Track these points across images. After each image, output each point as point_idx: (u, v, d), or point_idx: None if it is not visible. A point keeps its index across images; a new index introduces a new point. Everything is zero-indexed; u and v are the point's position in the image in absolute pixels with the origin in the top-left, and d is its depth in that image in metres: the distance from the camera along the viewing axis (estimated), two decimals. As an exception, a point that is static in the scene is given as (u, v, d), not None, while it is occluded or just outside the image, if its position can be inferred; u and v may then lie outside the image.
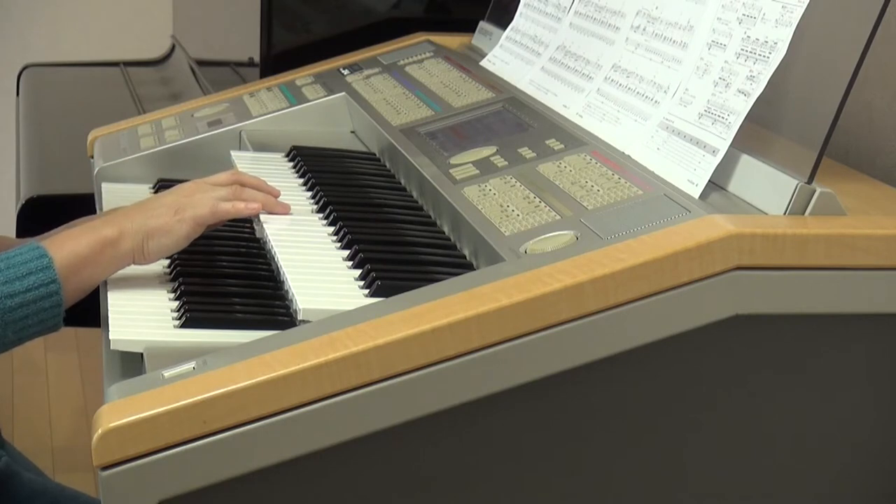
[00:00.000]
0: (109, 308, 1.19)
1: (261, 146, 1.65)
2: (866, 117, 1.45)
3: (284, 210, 1.35)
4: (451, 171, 1.37)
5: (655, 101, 1.31)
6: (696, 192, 1.17)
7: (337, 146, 1.66)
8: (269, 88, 1.86)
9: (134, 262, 1.24)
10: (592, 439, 1.07)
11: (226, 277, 1.28)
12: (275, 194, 1.36)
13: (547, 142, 1.37)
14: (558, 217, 1.18)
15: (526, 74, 1.61)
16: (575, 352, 1.02)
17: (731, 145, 1.18)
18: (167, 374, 1.00)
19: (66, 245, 1.18)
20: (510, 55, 1.70)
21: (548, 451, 1.06)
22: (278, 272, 1.26)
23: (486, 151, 1.40)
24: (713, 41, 1.26)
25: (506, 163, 1.35)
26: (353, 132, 1.75)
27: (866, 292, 1.07)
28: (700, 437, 1.10)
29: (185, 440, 0.95)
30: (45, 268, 1.14)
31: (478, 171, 1.35)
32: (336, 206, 1.37)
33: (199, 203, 1.27)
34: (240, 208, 1.30)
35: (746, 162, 1.17)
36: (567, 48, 1.55)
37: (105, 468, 0.95)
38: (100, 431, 0.94)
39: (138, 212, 1.25)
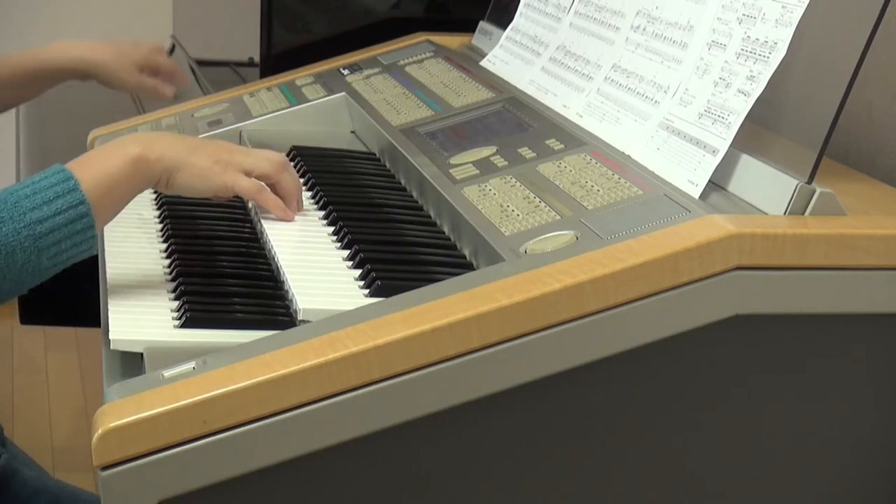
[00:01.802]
0: (109, 308, 1.19)
1: (261, 146, 1.65)
2: (866, 117, 1.45)
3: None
4: (451, 171, 1.37)
5: (655, 101, 1.31)
6: (696, 192, 1.17)
7: (337, 146, 1.66)
8: (269, 88, 1.86)
9: (157, 188, 1.24)
10: (592, 439, 1.07)
11: (226, 277, 1.28)
12: (298, 209, 1.36)
13: (547, 142, 1.37)
14: (558, 217, 1.18)
15: (526, 74, 1.61)
16: (575, 352, 1.02)
17: (731, 145, 1.18)
18: (167, 374, 1.00)
19: (94, 165, 1.17)
20: (510, 55, 1.70)
21: (548, 451, 1.06)
22: (278, 272, 1.26)
23: (486, 151, 1.40)
24: (713, 41, 1.26)
25: (506, 163, 1.35)
26: (353, 132, 1.75)
27: (866, 292, 1.07)
28: (700, 437, 1.10)
29: (185, 440, 0.95)
30: (73, 189, 1.13)
31: (478, 171, 1.35)
32: (336, 206, 1.37)
33: (242, 177, 1.27)
34: (281, 208, 1.31)
35: (746, 162, 1.17)
36: (567, 48, 1.55)
37: (105, 468, 0.95)
38: (100, 431, 0.94)
39: (177, 141, 1.25)
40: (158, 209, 1.47)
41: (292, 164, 1.56)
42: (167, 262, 1.31)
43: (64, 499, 1.42)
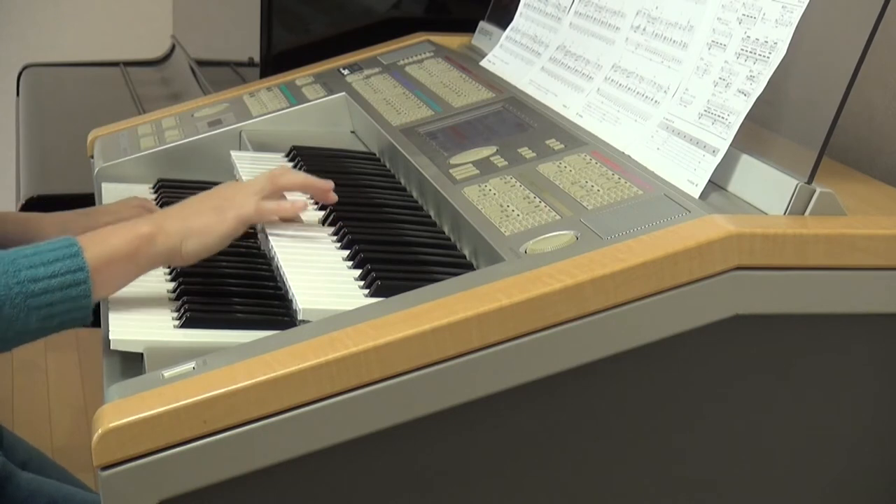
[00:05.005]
0: (109, 308, 1.19)
1: (261, 146, 1.65)
2: (866, 117, 1.45)
3: (332, 199, 1.35)
4: (451, 171, 1.37)
5: (655, 101, 1.31)
6: (696, 192, 1.17)
7: (337, 146, 1.66)
8: (269, 88, 1.86)
9: (171, 263, 1.23)
10: (592, 439, 1.07)
11: (226, 277, 1.28)
12: (325, 187, 1.34)
13: (547, 142, 1.37)
14: (558, 217, 1.18)
15: (526, 74, 1.61)
16: (575, 352, 1.02)
17: (731, 145, 1.18)
18: (167, 374, 1.00)
19: (100, 238, 1.16)
20: (510, 55, 1.70)
21: (548, 450, 1.06)
22: (278, 272, 1.26)
23: (486, 151, 1.40)
24: (713, 41, 1.26)
25: (506, 163, 1.35)
26: (353, 132, 1.75)
27: (866, 292, 1.07)
28: (700, 437, 1.10)
29: (185, 440, 0.95)
30: (74, 255, 1.12)
31: (478, 171, 1.35)
32: (336, 206, 1.37)
33: (242, 202, 1.25)
34: (286, 207, 1.30)
35: (746, 162, 1.17)
36: (567, 48, 1.55)
37: (105, 468, 0.95)
38: (100, 431, 0.94)
39: (178, 212, 1.23)
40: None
41: (292, 164, 1.56)
42: (167, 262, 1.31)
43: (61, 500, 1.42)
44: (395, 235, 1.31)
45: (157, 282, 1.27)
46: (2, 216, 1.47)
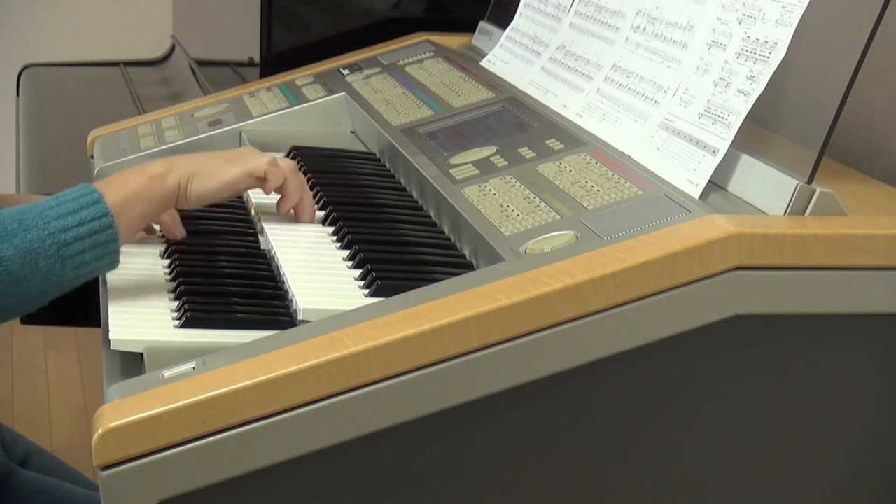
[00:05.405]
0: (109, 308, 1.19)
1: (261, 146, 1.65)
2: (866, 117, 1.45)
3: (304, 219, 1.36)
4: (451, 171, 1.37)
5: (655, 101, 1.31)
6: (696, 192, 1.18)
7: (337, 146, 1.66)
8: (269, 88, 1.86)
9: (177, 204, 1.24)
10: (592, 439, 1.07)
11: (226, 277, 1.28)
12: (309, 214, 1.36)
13: (547, 142, 1.37)
14: (558, 217, 1.18)
15: (526, 74, 1.61)
16: (575, 352, 1.02)
17: (731, 145, 1.18)
18: (167, 374, 1.00)
19: (116, 183, 1.19)
20: (510, 55, 1.70)
21: (548, 450, 1.06)
22: (278, 272, 1.26)
23: (486, 151, 1.40)
24: (713, 41, 1.26)
25: (506, 163, 1.35)
26: (353, 132, 1.75)
27: (866, 292, 1.07)
28: (700, 437, 1.10)
29: (185, 440, 0.95)
30: (97, 202, 1.14)
31: (478, 171, 1.35)
32: (336, 206, 1.37)
33: (253, 159, 1.28)
34: (300, 177, 1.32)
35: (746, 162, 1.17)
36: (567, 48, 1.55)
37: (105, 468, 0.95)
38: (100, 431, 0.94)
39: (191, 156, 1.27)
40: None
41: (292, 164, 1.56)
42: (167, 261, 1.31)
43: (61, 499, 1.42)
44: (395, 235, 1.31)
45: (158, 282, 1.27)
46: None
